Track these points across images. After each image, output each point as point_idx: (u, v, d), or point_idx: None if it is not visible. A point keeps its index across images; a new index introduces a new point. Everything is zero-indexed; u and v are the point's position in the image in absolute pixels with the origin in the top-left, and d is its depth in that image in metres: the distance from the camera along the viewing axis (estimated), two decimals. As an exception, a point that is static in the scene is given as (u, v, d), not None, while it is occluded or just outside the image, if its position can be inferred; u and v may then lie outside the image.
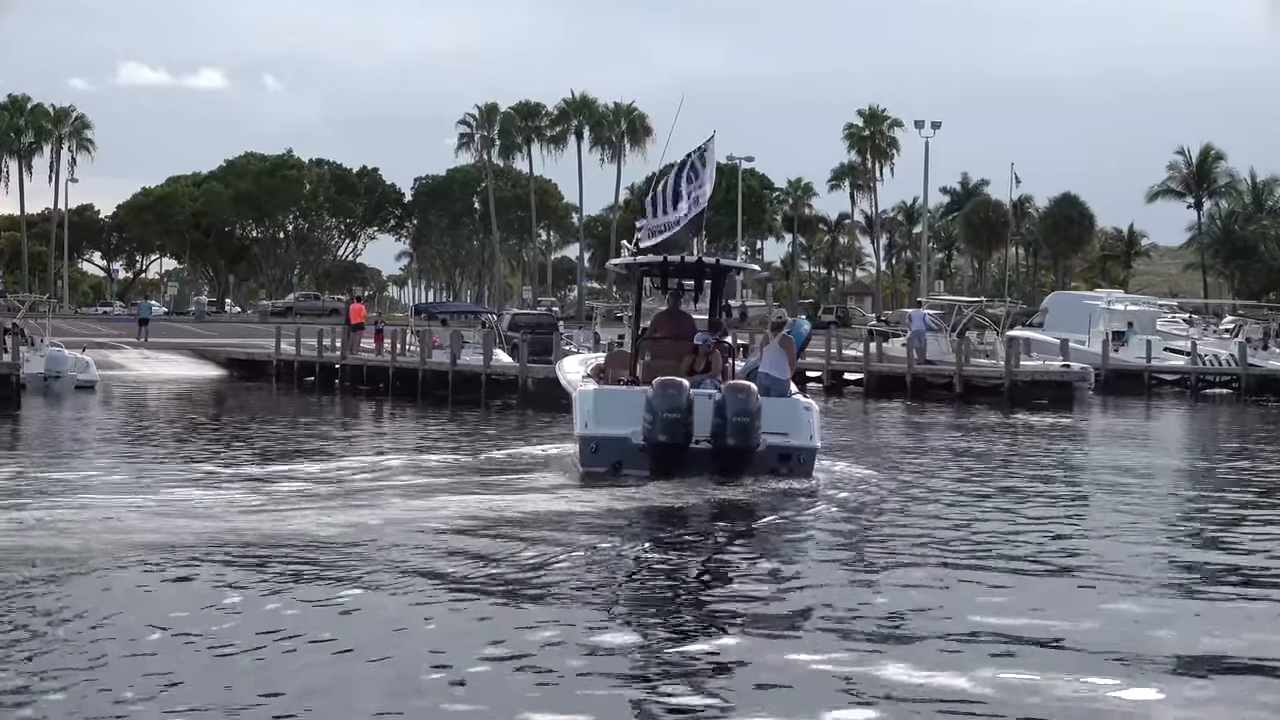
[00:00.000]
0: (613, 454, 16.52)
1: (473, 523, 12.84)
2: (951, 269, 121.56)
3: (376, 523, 12.68)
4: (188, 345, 55.91)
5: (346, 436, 24.88)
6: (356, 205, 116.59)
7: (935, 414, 33.14)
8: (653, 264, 19.17)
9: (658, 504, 14.51)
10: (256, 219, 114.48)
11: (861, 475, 17.93)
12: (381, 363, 41.62)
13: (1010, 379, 37.90)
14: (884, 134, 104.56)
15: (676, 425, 15.90)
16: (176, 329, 68.23)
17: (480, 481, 16.56)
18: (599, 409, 16.94)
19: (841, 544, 12.45)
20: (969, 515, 14.34)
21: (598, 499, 14.69)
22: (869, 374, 41.84)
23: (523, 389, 35.32)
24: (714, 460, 16.17)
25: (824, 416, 31.40)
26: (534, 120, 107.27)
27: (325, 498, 14.47)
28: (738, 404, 16.00)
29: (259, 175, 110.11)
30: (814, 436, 16.85)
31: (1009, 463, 20.88)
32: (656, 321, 19.46)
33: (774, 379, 17.23)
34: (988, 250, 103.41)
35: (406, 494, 14.92)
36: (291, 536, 11.83)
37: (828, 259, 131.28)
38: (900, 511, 14.81)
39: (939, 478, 18.35)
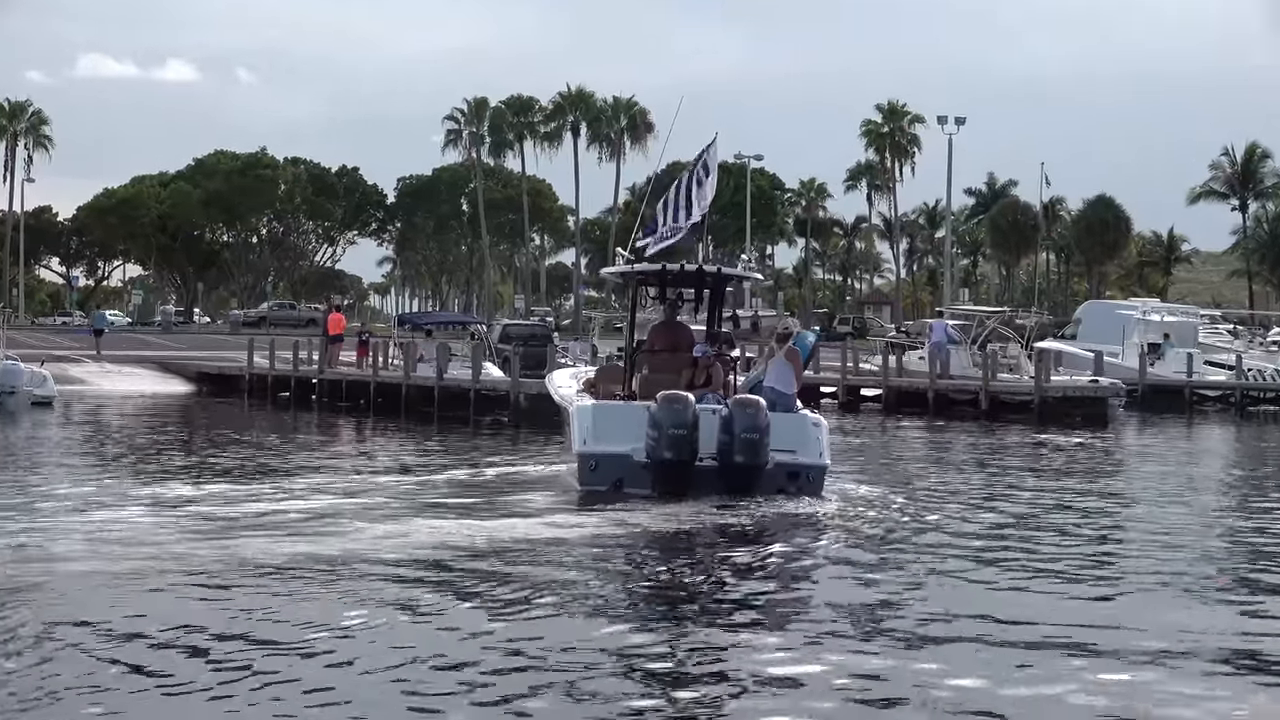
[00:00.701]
0: (613, 472, 16.71)
1: (455, 551, 12.83)
2: (977, 276, 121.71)
3: (348, 550, 12.66)
4: (153, 358, 55.93)
5: (322, 457, 24.90)
6: (335, 207, 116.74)
7: (959, 432, 33.16)
8: (650, 272, 19.37)
9: (661, 526, 14.60)
10: (227, 222, 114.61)
11: (875, 495, 18.06)
12: (362, 377, 41.67)
13: (1040, 395, 37.92)
14: (904, 130, 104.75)
15: (682, 441, 16.09)
16: (141, 341, 68.26)
17: (467, 504, 16.62)
18: (598, 425, 17.12)
19: (856, 572, 12.48)
20: (990, 543, 14.37)
21: (597, 520, 14.78)
22: (888, 389, 41.88)
23: (514, 405, 35.36)
24: (720, 478, 16.37)
25: (839, 435, 31.58)
26: (527, 116, 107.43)
27: (293, 523, 14.52)
28: (746, 419, 16.20)
29: (230, 175, 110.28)
30: (823, 454, 17.09)
31: (1035, 486, 20.90)
32: (653, 333, 19.67)
33: (780, 393, 17.43)
34: (1016, 256, 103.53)
35: (385, 518, 14.98)
36: (250, 565, 11.82)
37: (843, 265, 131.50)
38: (917, 535, 14.88)
39: (959, 500, 18.40)
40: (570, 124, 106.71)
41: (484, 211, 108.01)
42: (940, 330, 43.94)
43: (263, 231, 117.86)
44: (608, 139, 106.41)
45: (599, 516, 15.05)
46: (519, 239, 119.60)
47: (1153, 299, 66.08)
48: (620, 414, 17.25)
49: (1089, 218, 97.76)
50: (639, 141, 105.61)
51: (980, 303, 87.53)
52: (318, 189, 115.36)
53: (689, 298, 20.09)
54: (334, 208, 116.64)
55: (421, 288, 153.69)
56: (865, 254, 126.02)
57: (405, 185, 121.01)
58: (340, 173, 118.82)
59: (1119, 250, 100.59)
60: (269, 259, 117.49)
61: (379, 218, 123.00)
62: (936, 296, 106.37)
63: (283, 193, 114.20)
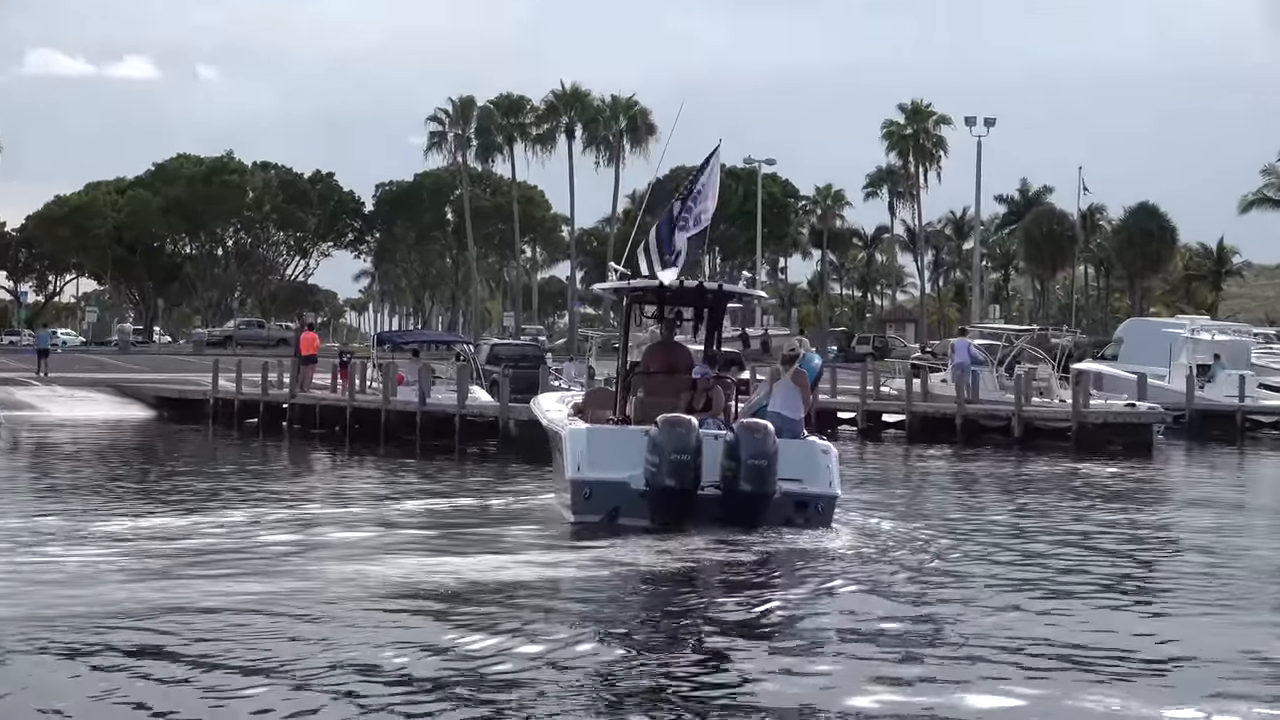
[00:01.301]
0: (609, 500, 16.89)
1: (427, 594, 12.80)
2: (1009, 291, 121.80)
3: (302, 592, 12.62)
4: (108, 381, 55.93)
5: (288, 488, 24.90)
6: (308, 216, 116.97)
7: (988, 462, 33.15)
8: (647, 289, 19.61)
9: (660, 563, 14.63)
10: (190, 232, 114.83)
11: (891, 529, 18.19)
12: (337, 402, 41.66)
13: (1078, 421, 37.92)
14: (929, 132, 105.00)
15: (685, 468, 16.34)
16: (95, 362, 68.28)
17: (444, 539, 16.69)
18: (592, 450, 17.31)
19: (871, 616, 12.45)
20: (1015, 587, 14.33)
21: (590, 557, 14.82)
22: (911, 415, 41.83)
23: (504, 433, 35.36)
24: (724, 508, 16.59)
25: (857, 464, 31.56)
26: (517, 116, 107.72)
27: (247, 561, 14.55)
28: (754, 445, 16.44)
29: (193, 181, 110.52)
30: (833, 483, 17.31)
31: (1065, 522, 20.88)
32: (649, 354, 19.93)
33: (786, 419, 17.64)
34: (1051, 269, 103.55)
35: (349, 556, 15.01)
36: (193, 609, 11.79)
37: (863, 279, 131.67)
38: (937, 574, 14.90)
39: (982, 537, 18.45)
40: (564, 125, 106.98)
41: (470, 221, 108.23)
42: (963, 350, 43.86)
43: (229, 243, 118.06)
44: (605, 142, 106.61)
45: (592, 552, 15.09)
46: (508, 251, 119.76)
47: (1201, 316, 66.02)
48: (616, 439, 17.47)
49: (1131, 228, 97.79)
50: (639, 144, 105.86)
51: (1012, 320, 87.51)
52: (289, 196, 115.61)
53: (688, 317, 20.37)
54: (307, 217, 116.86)
55: (402, 304, 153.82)
56: (886, 267, 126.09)
57: (384, 192, 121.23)
58: (314, 178, 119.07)
59: (1164, 263, 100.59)
60: (236, 273, 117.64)
61: (356, 228, 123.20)
62: (964, 314, 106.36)
63: (251, 200, 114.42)
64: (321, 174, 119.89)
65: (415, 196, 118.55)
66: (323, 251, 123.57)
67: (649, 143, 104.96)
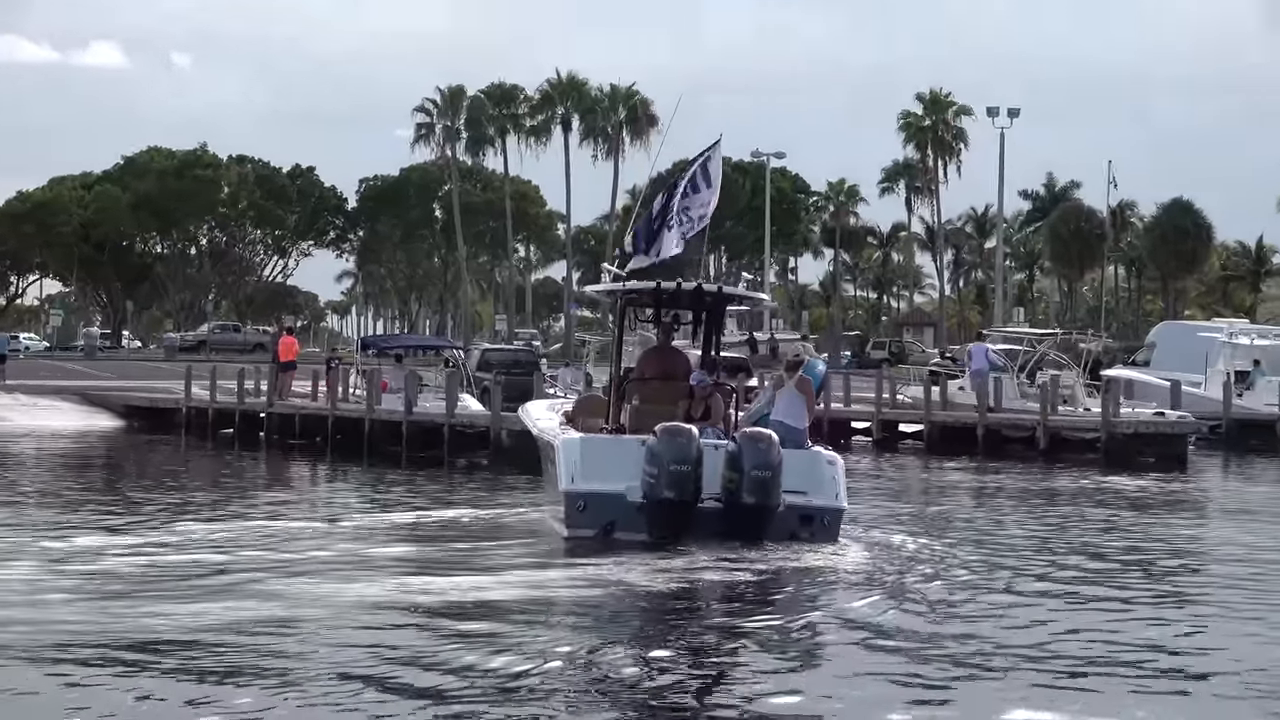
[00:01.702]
0: (604, 513, 17.06)
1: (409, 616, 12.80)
2: (1034, 293, 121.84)
3: (274, 617, 12.61)
4: (74, 389, 55.93)
5: (264, 503, 24.97)
6: (287, 213, 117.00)
7: (1010, 474, 33.16)
8: (642, 291, 19.75)
9: (659, 581, 14.65)
10: (162, 230, 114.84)
11: (902, 544, 18.34)
12: (318, 411, 41.69)
13: (1107, 431, 37.94)
14: (948, 124, 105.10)
15: (685, 480, 16.47)
16: (61, 368, 68.28)
17: (428, 556, 16.75)
18: (586, 461, 17.45)
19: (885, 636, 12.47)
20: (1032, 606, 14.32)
21: (584, 574, 14.85)
22: (930, 425, 41.85)
23: (495, 443, 35.38)
24: (726, 521, 16.75)
25: (873, 478, 31.55)
26: (510, 106, 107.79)
27: (215, 582, 14.58)
28: (757, 455, 16.60)
29: (165, 175, 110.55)
30: (839, 495, 17.53)
31: (1096, 538, 20.89)
32: (645, 359, 20.09)
33: (790, 428, 17.80)
34: (1079, 270, 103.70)
35: (326, 575, 15.03)
36: (154, 634, 11.79)
37: (878, 280, 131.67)
38: (950, 592, 14.92)
39: (1000, 552, 18.49)
40: (560, 116, 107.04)
41: (460, 218, 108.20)
42: (981, 356, 43.85)
43: (202, 241, 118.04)
44: (604, 133, 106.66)
45: (585, 570, 15.12)
46: (501, 250, 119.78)
47: (1239, 319, 66.05)
48: (612, 449, 17.64)
49: (1164, 225, 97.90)
50: (640, 137, 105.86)
51: (1038, 324, 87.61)
52: (266, 192, 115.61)
53: (685, 320, 20.53)
54: (285, 214, 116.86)
55: (387, 307, 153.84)
56: (904, 267, 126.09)
57: (368, 188, 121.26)
58: (293, 173, 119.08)
59: (1199, 263, 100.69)
60: (210, 273, 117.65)
61: (338, 225, 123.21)
62: (986, 317, 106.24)
63: (226, 196, 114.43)
64: (301, 168, 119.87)
65: (401, 192, 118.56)
66: (302, 251, 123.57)
67: (650, 135, 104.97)
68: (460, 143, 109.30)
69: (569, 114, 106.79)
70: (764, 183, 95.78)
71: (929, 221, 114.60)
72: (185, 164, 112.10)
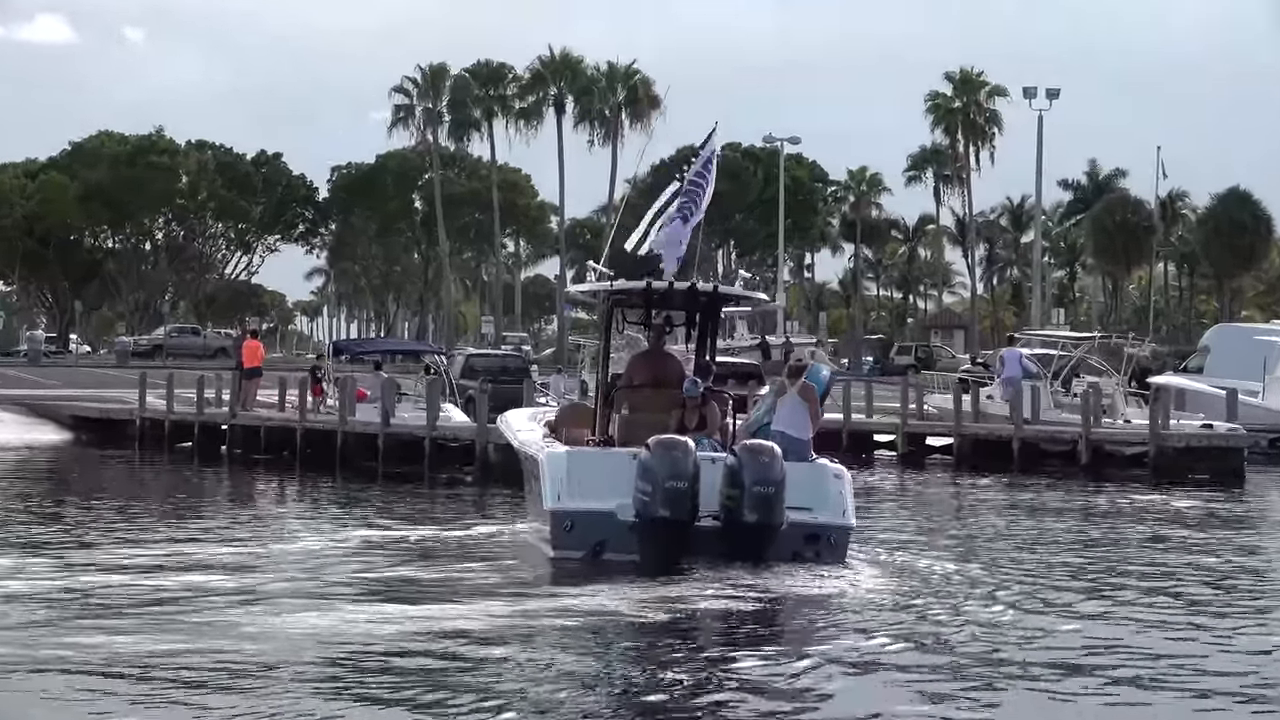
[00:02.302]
0: (593, 533, 17.30)
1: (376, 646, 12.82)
2: (1075, 292, 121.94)
3: (222, 650, 12.62)
4: (16, 398, 55.97)
5: (223, 523, 24.96)
6: (251, 205, 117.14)
7: (1049, 492, 33.18)
8: (631, 291, 20.02)
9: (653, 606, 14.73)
10: (113, 223, 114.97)
11: (916, 564, 18.52)
12: (286, 422, 41.72)
13: (1156, 445, 37.96)
14: (981, 106, 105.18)
15: (681, 497, 16.63)
16: (1, 375, 68.29)
17: (397, 580, 16.83)
18: (574, 476, 17.65)
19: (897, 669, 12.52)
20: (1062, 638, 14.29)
21: (571, 601, 14.92)
22: (960, 438, 41.86)
23: (481, 458, 35.42)
24: (725, 541, 16.96)
25: (897, 496, 31.56)
26: (497, 87, 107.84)
27: (159, 610, 14.60)
28: (759, 469, 16.76)
29: (117, 163, 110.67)
30: (847, 512, 17.71)
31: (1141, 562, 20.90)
32: (634, 365, 20.31)
33: (793, 439, 18.01)
34: (1125, 266, 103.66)
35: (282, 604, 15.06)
36: (91, 664, 11.83)
37: (903, 278, 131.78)
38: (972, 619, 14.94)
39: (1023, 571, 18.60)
40: (553, 98, 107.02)
41: (442, 210, 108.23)
42: (1014, 361, 43.83)
43: (158, 236, 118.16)
44: (601, 117, 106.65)
45: (571, 597, 15.17)
46: (487, 245, 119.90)
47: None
48: (602, 463, 17.82)
49: (1219, 217, 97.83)
50: (640, 120, 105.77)
51: (1079, 326, 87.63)
52: (229, 181, 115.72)
53: (678, 322, 20.87)
54: (250, 205, 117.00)
55: (362, 308, 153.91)
56: (931, 264, 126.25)
57: (341, 176, 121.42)
58: (258, 160, 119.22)
59: (1257, 259, 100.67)
60: (166, 271, 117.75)
61: (308, 218, 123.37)
62: (1022, 319, 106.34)
63: (184, 186, 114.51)
64: (267, 155, 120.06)
65: (377, 181, 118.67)
66: (268, 246, 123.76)
67: (651, 118, 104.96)
68: (442, 127, 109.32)
69: (562, 95, 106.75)
70: (777, 171, 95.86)
71: (959, 213, 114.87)
72: (139, 150, 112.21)
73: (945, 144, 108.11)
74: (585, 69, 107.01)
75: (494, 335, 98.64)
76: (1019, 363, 43.67)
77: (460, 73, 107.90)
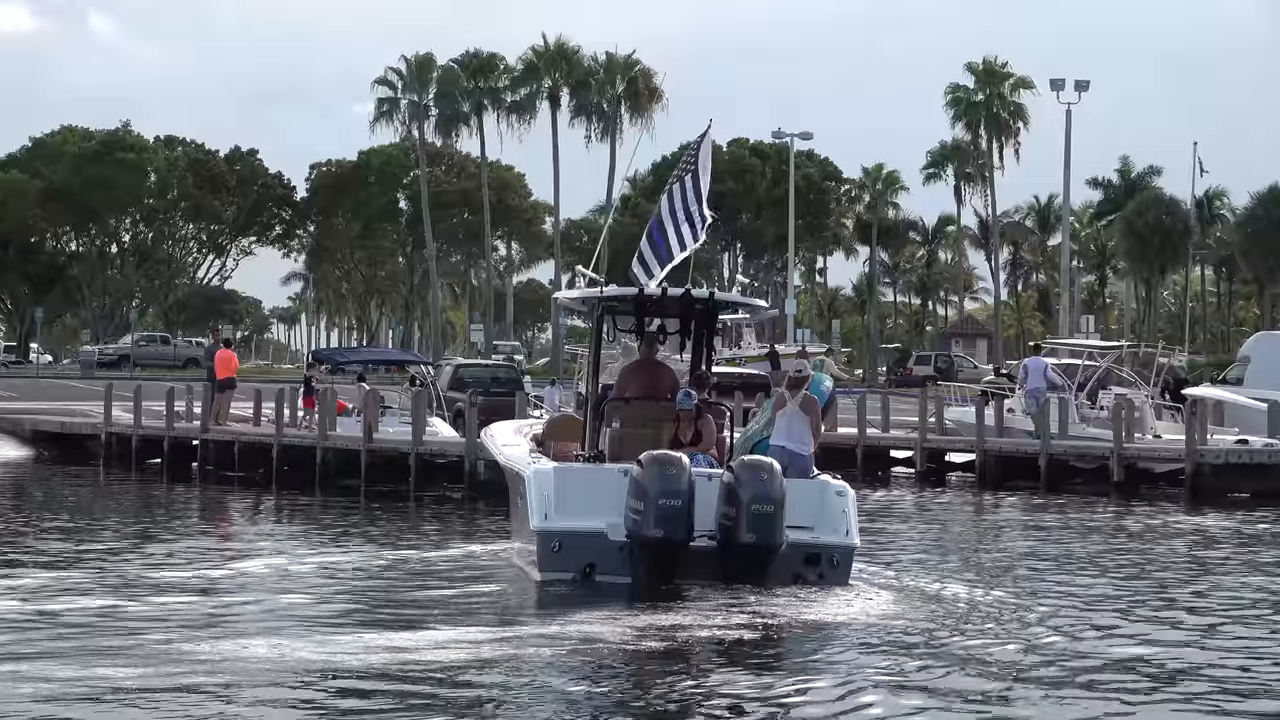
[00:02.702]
0: (582, 554, 17.50)
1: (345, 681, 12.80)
2: (1106, 298, 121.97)
3: (178, 677, 12.63)
4: (-26, 411, 56.01)
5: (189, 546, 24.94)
6: (225, 205, 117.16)
7: (1073, 511, 33.14)
8: (622, 298, 20.33)
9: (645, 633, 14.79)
10: (77, 225, 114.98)
11: (924, 588, 18.62)
12: (262, 437, 41.68)
13: (1194, 462, 37.93)
14: (1005, 99, 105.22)
15: (676, 516, 16.82)
16: (-43, 387, 68.32)
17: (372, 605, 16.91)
18: (562, 494, 17.81)
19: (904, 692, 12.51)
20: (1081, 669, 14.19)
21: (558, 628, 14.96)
22: (984, 455, 41.87)
23: (470, 475, 35.40)
24: (721, 563, 17.21)
25: (915, 517, 31.51)
26: (488, 79, 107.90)
27: (108, 636, 14.62)
28: (757, 487, 16.92)
29: (81, 161, 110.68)
30: (850, 531, 17.88)
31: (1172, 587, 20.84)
32: (626, 376, 20.54)
33: (793, 454, 18.27)
34: (1159, 270, 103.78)
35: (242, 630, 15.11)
36: (30, 697, 11.81)
37: (923, 283, 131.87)
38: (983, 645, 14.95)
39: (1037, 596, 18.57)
40: (547, 90, 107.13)
41: (429, 210, 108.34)
42: (1038, 372, 43.81)
43: (125, 238, 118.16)
44: (599, 111, 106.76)
45: (559, 623, 15.20)
46: (477, 248, 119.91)
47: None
48: (591, 480, 18.03)
49: (1259, 218, 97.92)
50: (642, 114, 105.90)
51: (1110, 335, 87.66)
52: (201, 180, 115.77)
53: (672, 330, 21.02)
54: (223, 205, 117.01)
55: (343, 315, 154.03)
56: (952, 268, 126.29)
57: (321, 175, 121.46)
58: (232, 157, 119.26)
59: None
60: (134, 276, 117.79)
61: (285, 219, 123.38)
62: (1049, 326, 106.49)
63: (153, 185, 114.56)
64: (241, 151, 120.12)
65: (360, 180, 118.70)
66: (243, 249, 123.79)
67: (653, 112, 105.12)
68: (429, 121, 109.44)
69: (557, 87, 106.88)
70: (787, 168, 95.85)
71: (982, 214, 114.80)
72: (104, 147, 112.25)
73: (967, 139, 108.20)
74: (582, 59, 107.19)
75: (484, 344, 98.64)
76: (1043, 374, 43.64)
77: (448, 63, 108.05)
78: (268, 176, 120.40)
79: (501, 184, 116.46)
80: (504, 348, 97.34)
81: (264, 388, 46.21)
